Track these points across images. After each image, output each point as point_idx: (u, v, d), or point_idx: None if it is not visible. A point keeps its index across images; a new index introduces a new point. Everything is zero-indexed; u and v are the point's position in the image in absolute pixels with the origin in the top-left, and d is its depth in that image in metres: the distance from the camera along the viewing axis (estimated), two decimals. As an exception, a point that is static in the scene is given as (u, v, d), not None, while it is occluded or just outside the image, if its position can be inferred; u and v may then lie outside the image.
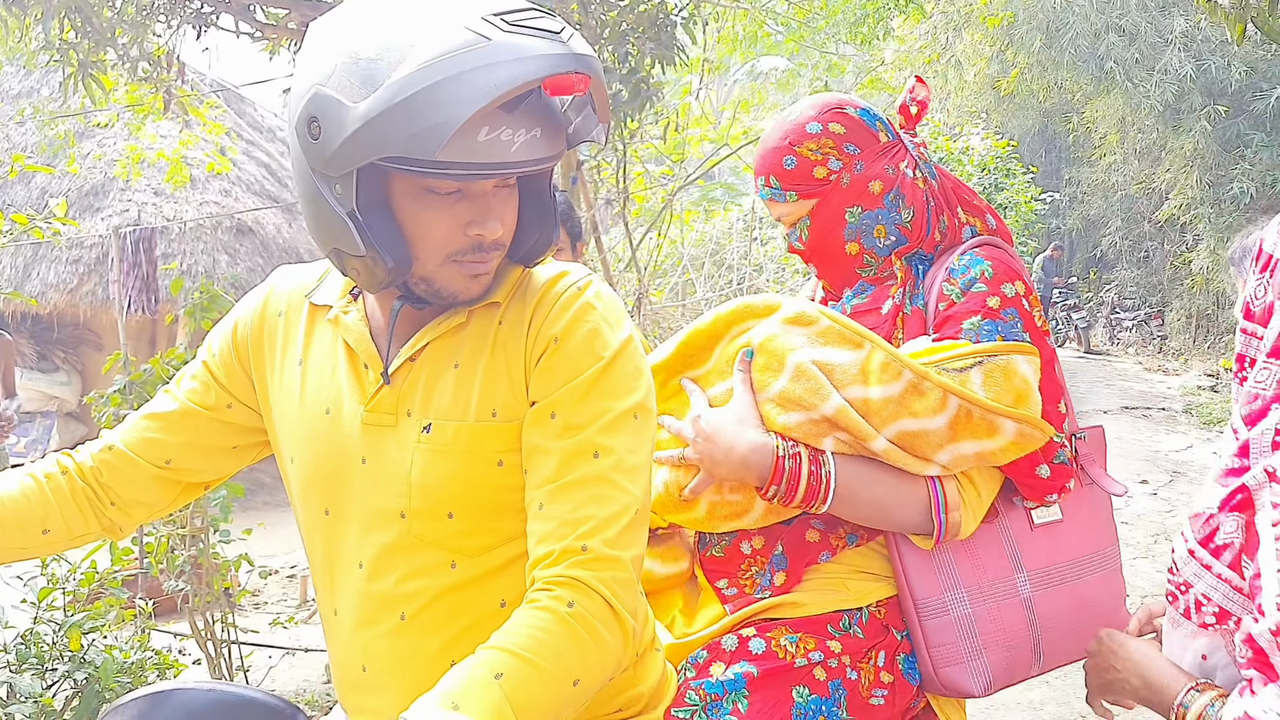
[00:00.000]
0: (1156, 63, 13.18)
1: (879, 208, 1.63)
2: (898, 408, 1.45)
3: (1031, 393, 1.47)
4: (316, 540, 1.27)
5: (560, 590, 1.06)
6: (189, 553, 3.98)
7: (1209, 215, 14.22)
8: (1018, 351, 1.48)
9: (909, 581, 1.53)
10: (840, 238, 1.65)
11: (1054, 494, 1.56)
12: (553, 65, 1.04)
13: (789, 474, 1.47)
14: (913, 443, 1.46)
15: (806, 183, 1.64)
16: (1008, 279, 1.56)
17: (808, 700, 1.45)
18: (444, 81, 1.01)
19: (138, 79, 5.78)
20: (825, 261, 1.69)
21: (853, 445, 1.49)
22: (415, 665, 1.19)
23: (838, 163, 1.63)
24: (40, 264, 10.46)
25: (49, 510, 1.28)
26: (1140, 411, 10.85)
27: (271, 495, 10.47)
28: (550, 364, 1.16)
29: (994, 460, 1.48)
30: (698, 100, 10.00)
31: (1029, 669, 1.57)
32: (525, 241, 1.21)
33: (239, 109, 12.51)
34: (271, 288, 1.37)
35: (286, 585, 7.17)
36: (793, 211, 1.68)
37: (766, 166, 1.67)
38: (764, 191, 1.69)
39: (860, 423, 1.46)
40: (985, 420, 1.44)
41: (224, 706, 1.01)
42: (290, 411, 1.28)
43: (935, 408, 1.44)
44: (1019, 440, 1.46)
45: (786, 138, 1.65)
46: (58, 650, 2.31)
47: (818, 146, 1.63)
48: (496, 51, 1.02)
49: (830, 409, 1.47)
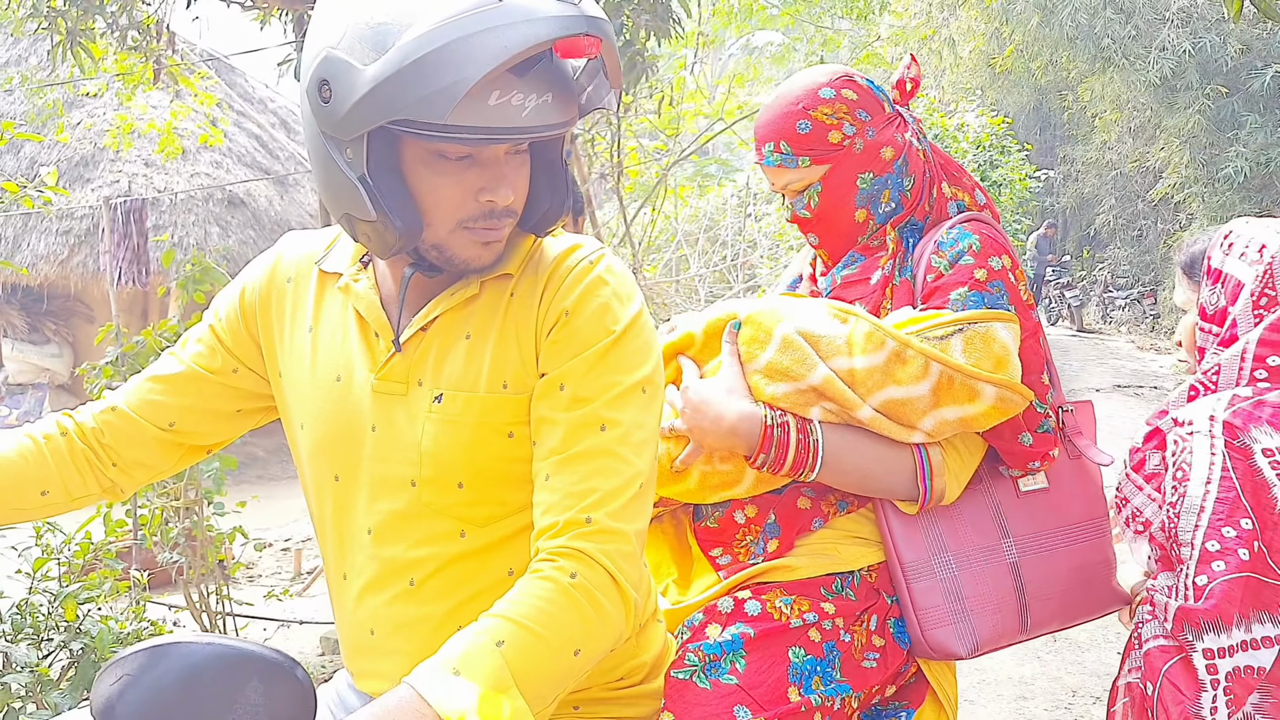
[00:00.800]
0: (1153, 40, 13.16)
1: (889, 173, 1.65)
2: (882, 376, 1.47)
3: (1011, 358, 1.49)
4: (326, 506, 1.27)
5: (563, 561, 1.07)
6: (183, 525, 3.99)
7: (1203, 194, 14.22)
8: (997, 319, 1.50)
9: (896, 546, 1.55)
10: (851, 204, 1.65)
11: (1037, 461, 1.59)
12: (564, 27, 1.03)
13: (777, 443, 1.49)
14: (898, 411, 1.48)
15: (821, 147, 1.63)
16: (995, 253, 1.58)
17: (803, 660, 1.47)
18: (454, 43, 1.00)
19: (127, 48, 5.73)
20: (831, 229, 1.69)
21: (839, 415, 1.51)
22: (422, 630, 1.20)
23: (851, 128, 1.63)
24: (30, 235, 10.41)
25: (47, 472, 1.28)
26: (1132, 390, 10.89)
27: (265, 469, 10.48)
28: (560, 336, 1.16)
29: (976, 425, 1.50)
30: (692, 74, 9.95)
31: (1016, 633, 1.60)
32: (537, 210, 1.21)
33: (230, 80, 12.42)
34: (280, 253, 1.36)
35: (281, 558, 7.18)
36: (803, 178, 1.66)
37: (776, 131, 1.65)
38: (772, 158, 1.66)
39: (846, 392, 1.48)
40: (966, 385, 1.46)
41: (223, 659, 1.01)
42: (300, 378, 1.28)
43: (918, 375, 1.46)
44: (999, 405, 1.47)
45: (799, 102, 1.64)
46: (53, 620, 2.31)
47: (833, 111, 1.63)
48: (507, 13, 1.02)
49: (817, 379, 1.49)
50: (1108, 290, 17.65)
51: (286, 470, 10.59)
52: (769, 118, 1.67)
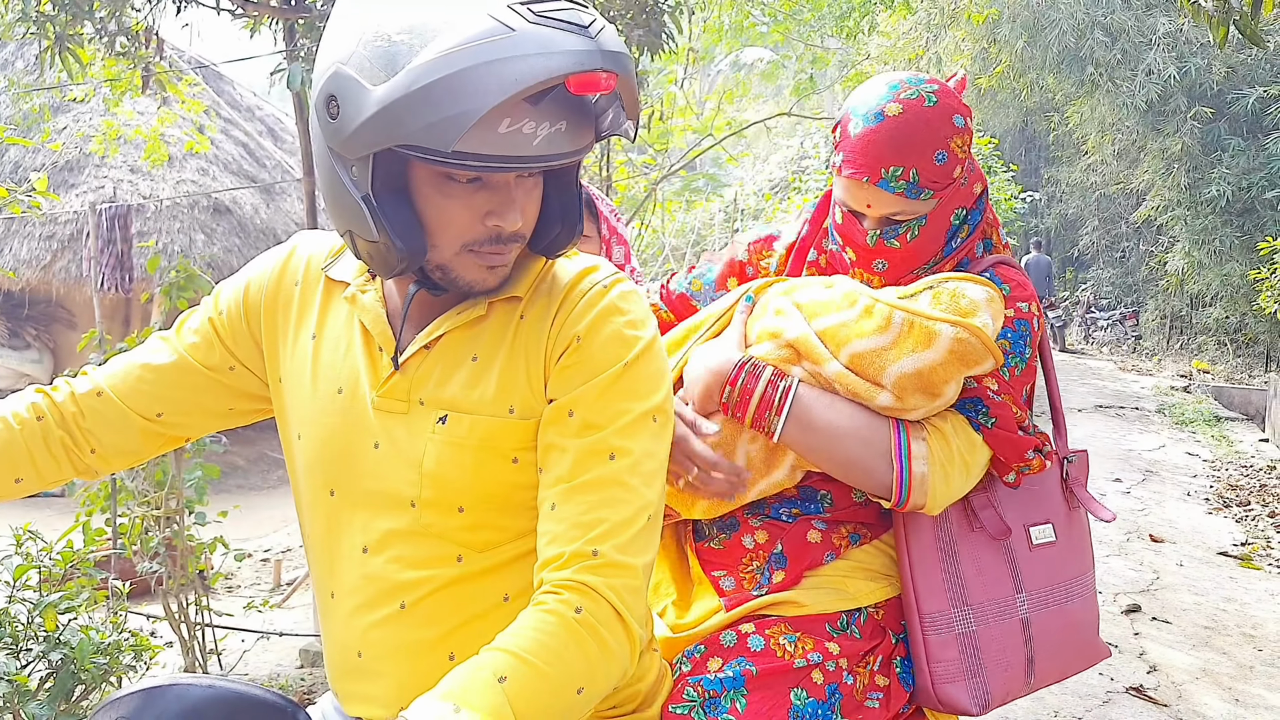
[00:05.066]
0: (1140, 63, 13.27)
1: (975, 209, 1.57)
2: (849, 331, 1.42)
3: (978, 311, 1.40)
4: (318, 520, 1.24)
5: (568, 594, 1.04)
6: (163, 534, 3.94)
7: (1185, 217, 14.34)
8: (972, 281, 1.44)
9: (917, 595, 1.49)
10: (941, 240, 1.56)
11: (1031, 451, 1.48)
12: (578, 62, 0.99)
13: (744, 383, 1.45)
14: (861, 365, 1.42)
15: (946, 180, 1.50)
16: (1022, 299, 1.54)
17: (805, 703, 1.42)
18: (464, 72, 0.97)
19: (116, 54, 5.69)
20: (907, 264, 1.57)
21: (812, 375, 1.46)
22: (412, 654, 1.17)
23: (966, 160, 1.53)
24: (13, 239, 10.32)
25: (21, 459, 1.24)
26: (1114, 410, 10.95)
27: (245, 478, 10.40)
28: (571, 362, 1.14)
29: (936, 377, 1.39)
30: (681, 90, 9.97)
31: (1021, 689, 1.55)
32: (547, 234, 1.17)
33: (218, 87, 12.37)
34: (291, 252, 1.32)
35: (260, 569, 7.12)
36: (917, 210, 1.51)
37: (910, 158, 1.47)
38: (895, 184, 1.48)
39: (817, 346, 1.44)
40: (924, 330, 1.38)
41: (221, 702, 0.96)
42: (301, 386, 1.25)
43: (881, 326, 1.40)
44: (957, 349, 1.37)
45: (938, 128, 1.48)
46: (32, 630, 2.27)
47: (963, 143, 1.50)
48: (520, 43, 0.98)
49: (793, 334, 1.46)
50: (1090, 311, 17.75)
51: (267, 480, 10.52)
52: (896, 136, 1.47)
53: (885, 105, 1.50)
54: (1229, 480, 8.08)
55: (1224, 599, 5.19)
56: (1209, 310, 15.07)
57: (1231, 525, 6.76)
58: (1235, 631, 4.72)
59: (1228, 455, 9.05)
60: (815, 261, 1.68)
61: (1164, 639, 4.56)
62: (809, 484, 1.55)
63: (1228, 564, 5.89)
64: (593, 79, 1.01)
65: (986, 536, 1.54)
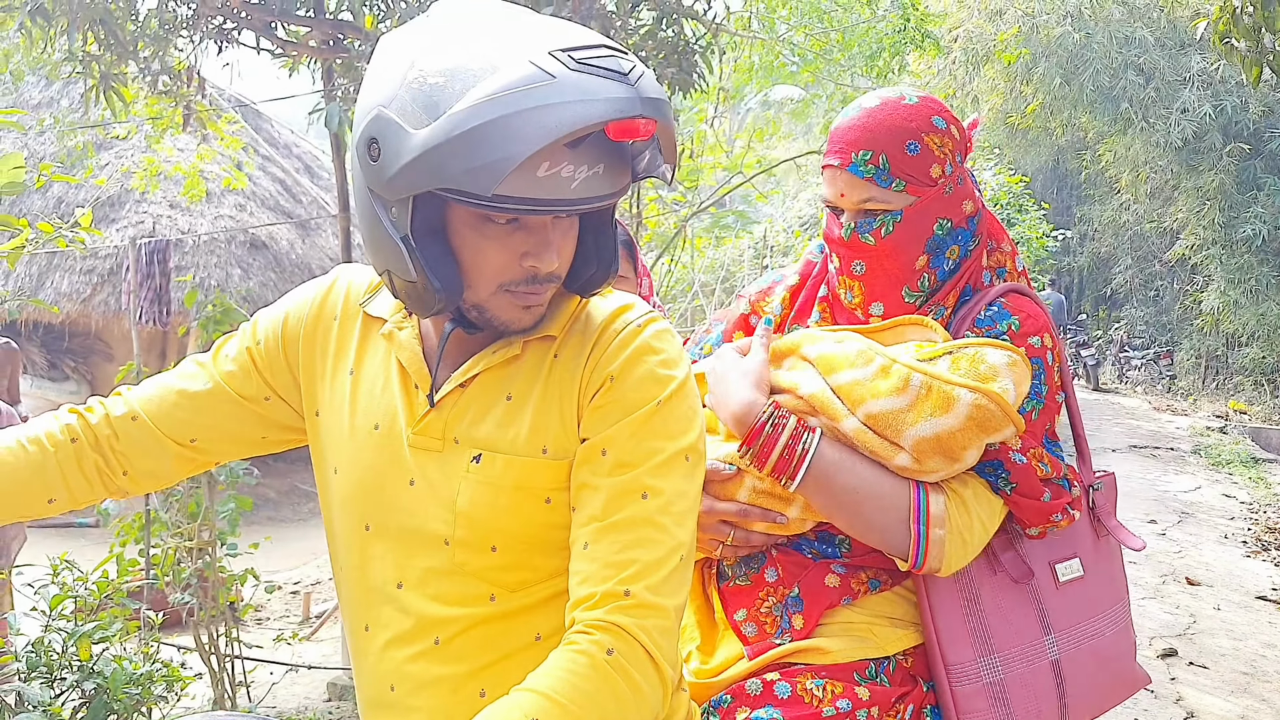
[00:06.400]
0: (1174, 101, 13.23)
1: (963, 227, 1.57)
2: (865, 390, 1.41)
3: (999, 376, 1.39)
4: (353, 553, 1.24)
5: (600, 635, 1.03)
6: (195, 565, 3.98)
7: (1220, 256, 14.22)
8: (994, 346, 1.43)
9: (941, 644, 1.47)
10: (921, 247, 1.55)
11: (1059, 514, 1.47)
12: (618, 109, 1.01)
13: (765, 438, 1.44)
14: (879, 424, 1.41)
15: (921, 176, 1.51)
16: (1034, 332, 1.51)
17: None
18: (506, 118, 0.98)
19: (158, 92, 5.83)
20: (885, 267, 1.57)
21: (828, 430, 1.45)
22: (444, 689, 1.18)
23: (950, 168, 1.54)
24: (54, 273, 10.52)
25: (54, 481, 1.26)
26: (1149, 451, 10.80)
27: (276, 510, 10.46)
28: (604, 402, 1.14)
29: (955, 443, 1.38)
30: (712, 128, 10.04)
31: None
32: (583, 273, 1.18)
33: (256, 125, 12.60)
34: (332, 285, 1.34)
35: (289, 601, 7.15)
36: (886, 201, 1.53)
37: (877, 141, 1.51)
38: (863, 168, 1.51)
39: (834, 402, 1.43)
40: (942, 394, 1.37)
41: None
42: (338, 421, 1.26)
43: (898, 388, 1.39)
44: (976, 415, 1.36)
45: (912, 120, 1.51)
46: (66, 659, 2.30)
47: (942, 143, 1.52)
48: (562, 90, 1.00)
49: (808, 390, 1.45)
50: (1123, 350, 17.58)
51: (297, 513, 10.57)
52: (868, 123, 1.52)
53: (864, 101, 1.58)
54: (1267, 523, 7.94)
55: (1263, 644, 5.09)
56: (1245, 350, 14.89)
57: (1270, 569, 6.64)
58: (1276, 678, 4.62)
59: (1265, 497, 8.90)
60: (825, 297, 1.68)
61: (1201, 685, 4.47)
62: (826, 528, 1.53)
63: (1266, 608, 5.78)
64: (633, 125, 1.02)
65: (1009, 579, 1.52)
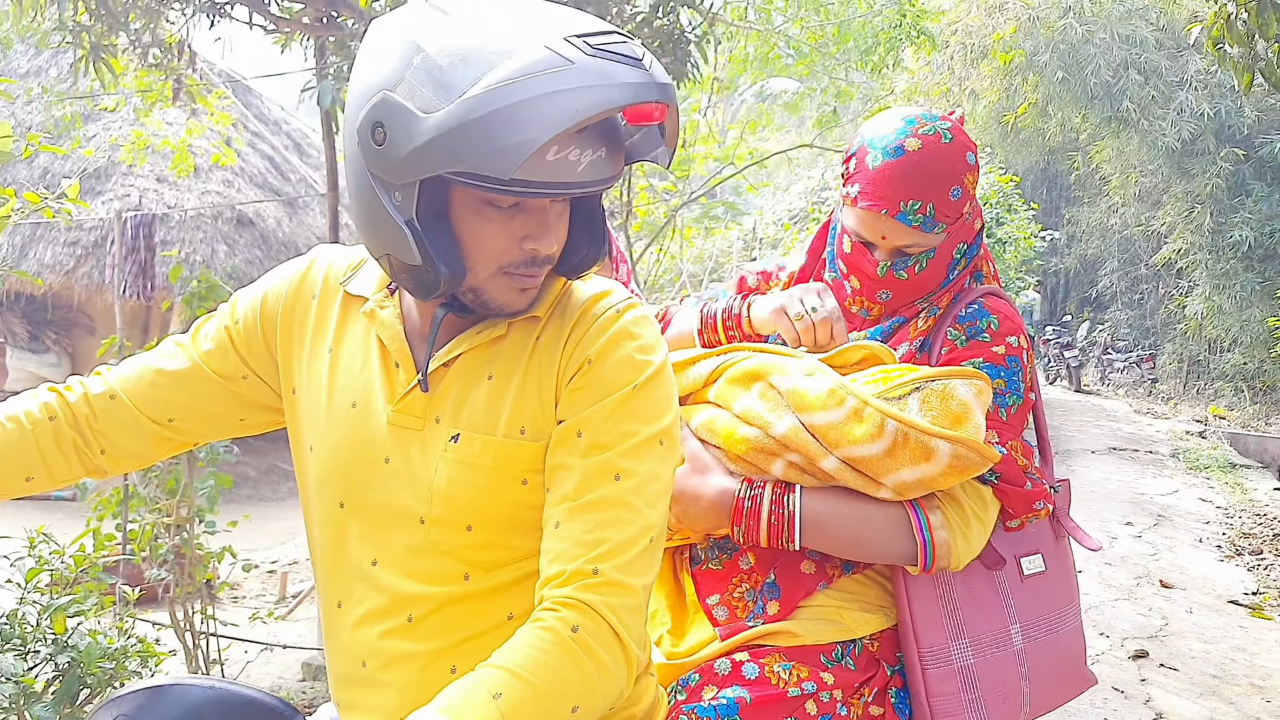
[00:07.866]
0: (1171, 101, 13.25)
1: (972, 244, 1.62)
2: (838, 435, 1.43)
3: (971, 415, 1.43)
4: (327, 531, 1.25)
5: (566, 612, 1.05)
6: (173, 542, 3.96)
7: (1206, 261, 14.28)
8: (958, 375, 1.46)
9: (915, 629, 1.51)
10: (944, 272, 1.61)
11: (1041, 502, 1.53)
12: (636, 94, 1.03)
13: (748, 515, 1.47)
14: (858, 465, 1.44)
15: (957, 215, 1.55)
16: (1011, 332, 1.58)
17: None
18: (524, 102, 0.99)
19: (148, 65, 5.77)
20: (909, 295, 1.62)
21: (805, 468, 1.47)
22: (415, 665, 1.18)
23: (973, 195, 1.59)
24: (38, 244, 10.43)
25: (32, 459, 1.26)
26: (1128, 453, 10.87)
27: (255, 489, 10.43)
28: (581, 384, 1.16)
29: (937, 486, 1.44)
30: (704, 118, 10.03)
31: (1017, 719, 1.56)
32: (573, 256, 1.20)
33: (246, 100, 12.50)
34: (310, 265, 1.34)
35: (266, 580, 7.13)
36: (929, 244, 1.57)
37: (928, 192, 1.51)
38: (914, 218, 1.52)
39: (811, 442, 1.44)
40: (920, 443, 1.40)
41: (222, 704, 0.98)
42: (315, 399, 1.26)
43: (873, 434, 1.41)
44: (955, 463, 1.41)
45: (954, 163, 1.53)
46: (41, 632, 2.29)
47: (974, 179, 1.56)
48: (580, 75, 1.00)
49: (781, 429, 1.46)
50: (1106, 352, 17.67)
51: (276, 492, 10.54)
52: (917, 173, 1.51)
53: (904, 140, 1.54)
54: (1242, 528, 8.01)
55: (1233, 648, 5.14)
56: (1227, 356, 14.98)
57: (1243, 574, 6.69)
58: (1244, 681, 4.67)
59: (1241, 503, 8.97)
60: None
61: (1171, 686, 4.51)
62: None
63: (1238, 613, 5.83)
64: (647, 110, 1.05)
65: (981, 568, 1.57)
